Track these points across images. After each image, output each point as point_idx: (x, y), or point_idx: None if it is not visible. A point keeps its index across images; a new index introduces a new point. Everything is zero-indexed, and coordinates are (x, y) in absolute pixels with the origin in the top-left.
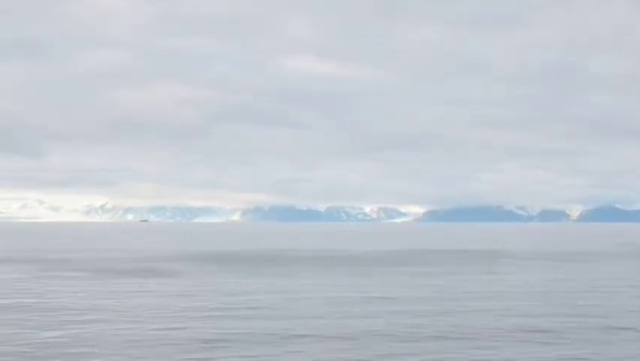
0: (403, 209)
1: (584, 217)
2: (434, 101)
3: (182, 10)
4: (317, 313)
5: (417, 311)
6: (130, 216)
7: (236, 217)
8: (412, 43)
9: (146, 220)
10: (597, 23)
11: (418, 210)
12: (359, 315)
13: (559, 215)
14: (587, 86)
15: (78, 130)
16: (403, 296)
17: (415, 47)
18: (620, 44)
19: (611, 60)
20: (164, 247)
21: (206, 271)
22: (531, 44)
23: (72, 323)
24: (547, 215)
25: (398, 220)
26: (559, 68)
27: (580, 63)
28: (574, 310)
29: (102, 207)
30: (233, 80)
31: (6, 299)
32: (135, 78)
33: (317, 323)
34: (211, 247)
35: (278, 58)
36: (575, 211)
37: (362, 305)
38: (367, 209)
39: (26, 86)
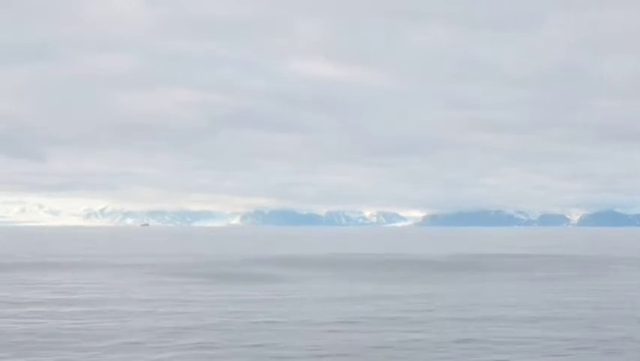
0: (402, 213)
1: (584, 222)
2: (436, 105)
3: (186, 13)
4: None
5: None
6: (129, 220)
7: (235, 221)
8: (415, 46)
9: (147, 224)
10: (602, 27)
11: (417, 214)
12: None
13: (559, 219)
14: (588, 90)
15: (79, 134)
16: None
17: (418, 50)
18: (625, 48)
19: (615, 64)
20: (222, 251)
21: (310, 276)
22: (534, 48)
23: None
24: (547, 219)
25: (398, 224)
26: (561, 72)
27: (583, 67)
28: None
29: (101, 211)
30: (236, 84)
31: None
32: (138, 82)
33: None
34: (271, 251)
35: (281, 61)
36: (575, 216)
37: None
38: (367, 213)
39: (29, 89)
